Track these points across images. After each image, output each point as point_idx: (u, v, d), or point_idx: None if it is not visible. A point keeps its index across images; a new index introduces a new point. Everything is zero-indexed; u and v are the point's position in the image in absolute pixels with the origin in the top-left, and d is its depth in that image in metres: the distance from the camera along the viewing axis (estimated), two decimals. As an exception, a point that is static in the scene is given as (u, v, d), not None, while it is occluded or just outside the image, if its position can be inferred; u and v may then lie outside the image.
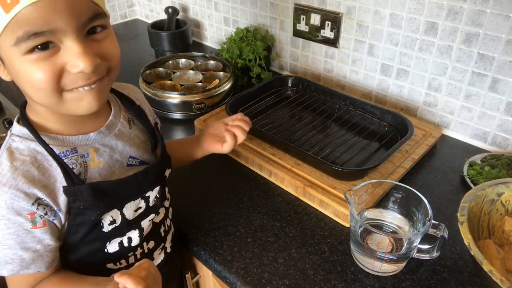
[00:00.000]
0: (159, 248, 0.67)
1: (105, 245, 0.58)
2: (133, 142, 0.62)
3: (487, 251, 0.62)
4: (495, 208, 0.67)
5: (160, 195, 0.64)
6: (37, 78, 0.46)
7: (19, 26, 0.42)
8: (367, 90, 1.13)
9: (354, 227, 0.66)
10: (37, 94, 0.49)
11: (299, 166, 0.84)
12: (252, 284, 0.65)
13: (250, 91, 1.06)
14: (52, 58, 0.46)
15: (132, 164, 0.61)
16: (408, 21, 0.96)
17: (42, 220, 0.51)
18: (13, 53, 0.45)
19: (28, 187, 0.49)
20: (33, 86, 0.47)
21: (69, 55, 0.46)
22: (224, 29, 1.45)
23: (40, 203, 0.50)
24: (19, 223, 0.50)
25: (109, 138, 0.58)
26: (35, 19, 0.42)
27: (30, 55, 0.44)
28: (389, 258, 0.64)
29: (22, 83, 0.48)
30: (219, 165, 0.92)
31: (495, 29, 0.84)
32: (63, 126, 0.55)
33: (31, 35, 0.43)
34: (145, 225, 0.62)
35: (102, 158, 0.57)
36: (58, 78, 0.47)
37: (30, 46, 0.44)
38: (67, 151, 0.54)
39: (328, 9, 1.09)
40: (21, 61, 0.45)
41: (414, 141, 0.92)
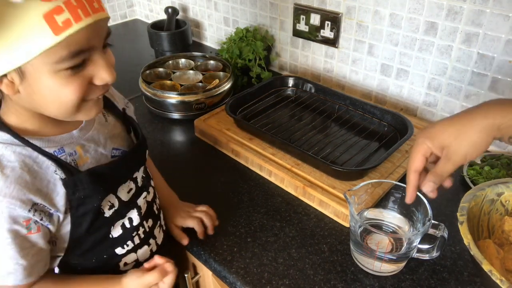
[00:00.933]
0: (157, 226, 0.69)
1: (110, 231, 0.60)
2: (112, 133, 0.63)
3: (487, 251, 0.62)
4: (494, 208, 0.67)
5: (146, 174, 0.67)
6: (68, 93, 0.48)
7: (65, 47, 0.44)
8: (367, 90, 1.13)
9: (354, 227, 0.66)
10: (57, 108, 0.49)
11: (299, 166, 0.84)
12: (252, 284, 0.65)
13: (250, 91, 1.06)
14: (81, 73, 0.48)
15: (116, 155, 0.63)
16: (408, 21, 0.96)
17: (36, 226, 0.51)
18: (46, 70, 0.45)
19: (23, 194, 0.49)
20: (60, 101, 0.48)
21: (96, 69, 0.49)
22: (224, 29, 1.45)
23: (36, 208, 0.50)
24: (16, 231, 0.50)
25: (90, 133, 0.59)
26: (81, 40, 0.45)
27: (64, 71, 0.46)
28: (389, 258, 0.64)
29: (43, 98, 0.48)
30: (219, 165, 0.92)
31: (495, 29, 0.84)
32: (46, 128, 0.54)
33: (74, 55, 0.45)
34: (140, 203, 0.64)
35: (89, 153, 0.58)
36: (85, 91, 0.49)
37: (69, 65, 0.46)
38: (55, 151, 0.54)
39: (328, 9, 1.09)
40: (53, 78, 0.46)
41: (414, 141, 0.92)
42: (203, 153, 0.96)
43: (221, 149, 0.96)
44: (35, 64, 0.44)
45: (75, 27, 0.44)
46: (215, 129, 0.98)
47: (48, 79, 0.46)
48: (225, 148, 0.95)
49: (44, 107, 0.50)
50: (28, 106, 0.50)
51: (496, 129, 0.50)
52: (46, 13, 0.42)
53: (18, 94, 0.48)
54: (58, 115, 0.51)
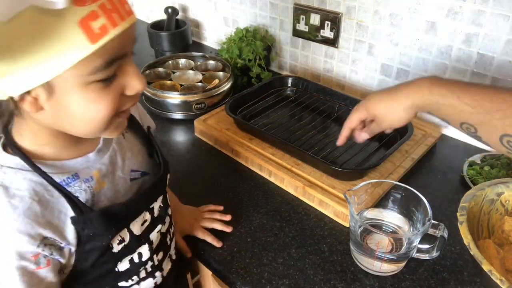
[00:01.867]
0: (167, 257, 0.65)
1: (116, 265, 0.55)
2: (131, 153, 0.59)
3: (487, 251, 0.62)
4: (494, 208, 0.67)
5: (164, 203, 0.62)
6: (101, 108, 0.44)
7: (100, 56, 0.40)
8: (367, 90, 1.13)
9: (354, 227, 0.66)
10: (86, 125, 0.45)
11: (299, 166, 0.84)
12: (252, 284, 0.65)
13: (249, 91, 1.06)
14: (113, 84, 0.44)
15: (135, 177, 0.59)
16: (408, 21, 0.96)
17: (46, 259, 0.47)
18: (76, 83, 0.41)
19: (32, 228, 0.45)
20: (90, 117, 0.44)
21: (128, 78, 0.45)
22: (224, 29, 1.45)
23: (46, 243, 0.46)
24: (23, 267, 0.46)
25: (108, 155, 0.54)
26: (115, 47, 0.41)
27: (96, 84, 0.42)
28: (389, 258, 0.64)
29: (71, 115, 0.44)
30: (219, 165, 0.92)
31: (495, 29, 0.84)
32: (61, 150, 0.50)
33: (108, 64, 0.41)
34: (153, 237, 0.59)
35: (107, 178, 0.54)
36: (118, 104, 0.45)
37: (102, 77, 0.42)
38: (68, 178, 0.49)
39: (328, 9, 1.09)
40: (84, 91, 0.42)
41: (414, 141, 0.92)
42: (203, 153, 0.96)
43: (221, 149, 0.96)
44: (66, 77, 0.40)
45: (112, 34, 0.40)
46: (215, 129, 0.98)
47: (79, 93, 0.42)
48: (225, 148, 0.95)
49: (70, 125, 0.46)
50: (51, 124, 0.46)
51: (416, 108, 0.62)
52: (81, 20, 0.37)
53: (41, 112, 0.43)
54: (85, 133, 0.47)
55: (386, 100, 0.66)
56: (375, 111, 0.68)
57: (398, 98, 0.64)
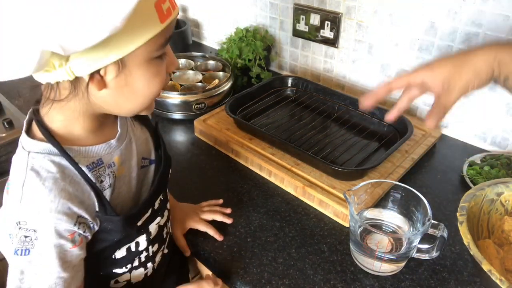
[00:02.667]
0: (160, 250, 0.66)
1: (114, 252, 0.57)
2: (141, 141, 0.62)
3: (487, 251, 0.62)
4: (494, 208, 0.67)
5: (164, 197, 0.64)
6: (158, 82, 0.49)
7: (164, 34, 0.46)
8: (367, 90, 1.13)
9: (354, 227, 0.66)
10: (141, 100, 0.50)
11: (299, 166, 0.84)
12: (252, 284, 0.65)
13: (249, 91, 1.07)
14: (163, 61, 0.50)
15: (144, 165, 0.61)
16: (407, 21, 0.96)
17: (80, 237, 0.50)
18: (143, 58, 0.46)
19: (68, 207, 0.47)
20: (149, 91, 0.49)
21: (169, 56, 0.51)
22: (224, 29, 1.45)
23: (81, 221, 0.49)
24: (61, 245, 0.48)
25: (125, 142, 0.57)
26: (171, 28, 0.48)
27: (155, 60, 0.48)
28: (389, 258, 0.64)
29: (133, 91, 0.48)
30: (219, 165, 0.92)
31: (495, 29, 0.84)
32: (88, 135, 0.52)
33: (167, 41, 0.48)
34: (152, 228, 0.61)
35: (125, 165, 0.57)
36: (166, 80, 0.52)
37: (161, 52, 0.48)
38: (93, 163, 0.52)
39: (328, 9, 1.09)
40: (148, 67, 0.47)
41: (414, 141, 0.92)
42: (203, 153, 0.96)
43: (221, 149, 0.96)
44: (137, 53, 0.45)
45: (173, 15, 0.46)
46: (215, 129, 0.98)
47: (144, 68, 0.47)
48: (225, 148, 0.95)
49: (125, 102, 0.49)
50: (103, 104, 0.49)
51: (497, 63, 0.51)
52: (156, 2, 0.43)
53: (103, 90, 0.47)
54: (133, 109, 0.51)
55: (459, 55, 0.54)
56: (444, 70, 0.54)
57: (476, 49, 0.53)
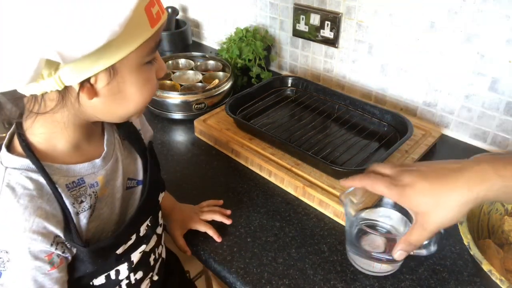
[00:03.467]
0: (147, 278, 0.63)
1: (92, 280, 0.54)
2: (128, 160, 0.59)
3: (487, 251, 0.62)
4: (494, 208, 0.67)
5: (152, 223, 0.60)
6: (150, 88, 0.49)
7: (154, 38, 0.45)
8: (367, 90, 1.13)
9: (349, 228, 0.66)
10: (133, 106, 0.49)
11: (299, 166, 0.84)
12: (252, 284, 0.65)
13: (249, 91, 1.07)
14: (153, 66, 0.50)
15: (131, 186, 0.59)
16: (407, 21, 0.96)
17: (59, 259, 0.47)
18: (135, 64, 0.45)
19: (44, 227, 0.44)
20: (140, 97, 0.48)
21: (158, 62, 0.50)
22: (224, 29, 1.45)
23: (58, 241, 0.46)
24: (37, 267, 0.45)
25: (111, 162, 0.55)
26: (159, 32, 0.47)
27: (146, 65, 0.47)
28: (386, 258, 0.63)
29: (124, 97, 0.47)
30: (219, 165, 0.92)
31: (495, 29, 0.84)
32: (71, 150, 0.50)
33: (157, 46, 0.47)
34: (134, 257, 0.58)
35: (110, 185, 0.54)
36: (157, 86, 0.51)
37: (152, 57, 0.47)
38: (74, 182, 0.49)
39: (328, 9, 1.09)
40: (139, 72, 0.46)
41: (414, 141, 0.92)
42: (203, 153, 0.96)
43: (221, 149, 0.96)
44: (129, 59, 0.44)
45: (162, 19, 0.45)
46: (215, 129, 0.98)
47: (136, 73, 0.46)
48: (225, 148, 0.95)
49: (117, 109, 0.48)
50: (93, 112, 0.47)
51: (479, 200, 0.46)
52: (146, 6, 0.42)
53: (94, 99, 0.45)
54: (124, 115, 0.50)
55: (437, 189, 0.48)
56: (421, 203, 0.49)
57: (456, 187, 0.47)
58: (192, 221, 0.74)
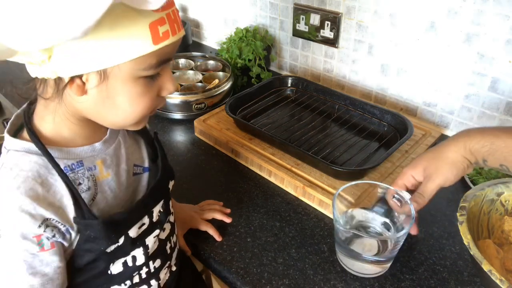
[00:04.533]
0: (165, 267, 0.63)
1: (109, 267, 0.54)
2: (134, 148, 0.60)
3: (487, 251, 0.62)
4: (494, 208, 0.67)
5: (164, 209, 0.61)
6: (142, 103, 0.48)
7: (156, 55, 0.45)
8: (367, 90, 1.13)
9: (339, 230, 0.64)
10: (123, 116, 0.49)
11: (299, 166, 0.84)
12: (252, 284, 0.65)
13: (249, 91, 1.07)
14: (154, 83, 0.49)
15: (137, 172, 0.59)
16: (407, 21, 0.96)
17: (49, 242, 0.47)
18: (129, 75, 0.45)
19: (33, 208, 0.45)
20: (131, 109, 0.48)
21: (165, 80, 0.50)
22: (224, 29, 1.45)
23: (48, 224, 0.47)
24: (25, 248, 0.46)
25: (114, 147, 0.55)
26: (168, 52, 0.46)
27: (143, 79, 0.47)
28: (376, 259, 0.63)
29: (113, 104, 0.47)
30: (219, 165, 0.92)
31: (495, 29, 0.84)
32: (76, 137, 0.51)
33: (159, 64, 0.46)
34: (150, 242, 0.58)
35: (111, 169, 0.54)
36: (155, 102, 0.51)
37: (151, 73, 0.46)
38: (73, 164, 0.50)
39: (328, 9, 1.09)
40: (133, 84, 0.46)
41: (414, 141, 0.92)
42: (203, 153, 0.96)
43: (221, 149, 0.96)
44: (123, 68, 0.44)
45: (171, 40, 0.45)
46: (215, 129, 0.98)
47: (129, 85, 0.46)
48: (225, 148, 0.95)
49: (107, 114, 0.48)
50: (85, 110, 0.48)
51: (469, 152, 0.59)
52: (152, 23, 0.43)
53: (83, 96, 0.46)
54: (118, 124, 0.50)
55: (434, 150, 0.64)
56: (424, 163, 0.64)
57: (448, 144, 0.62)
58: (192, 220, 0.74)
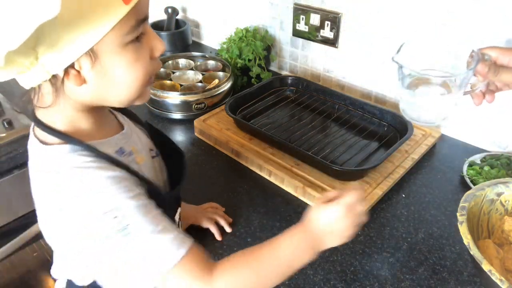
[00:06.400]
0: None
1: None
2: (141, 133, 0.61)
3: (487, 251, 0.62)
4: (494, 208, 0.67)
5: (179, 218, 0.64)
6: (140, 67, 0.46)
7: (133, 15, 0.43)
8: (367, 90, 1.13)
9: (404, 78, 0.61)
10: (127, 88, 0.47)
11: (299, 166, 0.84)
12: (252, 284, 0.65)
13: (249, 91, 1.07)
14: (143, 45, 0.46)
15: (154, 155, 0.60)
16: (407, 21, 0.96)
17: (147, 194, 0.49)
18: (116, 45, 0.43)
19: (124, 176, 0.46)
20: (132, 79, 0.46)
21: (151, 40, 0.47)
22: (224, 29, 1.45)
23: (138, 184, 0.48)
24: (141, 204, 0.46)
25: (132, 133, 0.56)
26: (143, 8, 0.44)
27: (132, 44, 0.44)
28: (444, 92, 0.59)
29: (114, 80, 0.45)
30: (219, 165, 0.92)
31: (495, 29, 0.84)
32: (95, 128, 0.51)
33: (139, 23, 0.44)
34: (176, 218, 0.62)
35: (141, 154, 0.55)
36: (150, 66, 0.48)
37: (135, 35, 0.44)
38: (117, 151, 0.50)
39: (328, 9, 1.09)
40: (124, 53, 0.44)
41: (414, 141, 0.92)
42: (203, 153, 0.96)
43: (221, 149, 0.96)
44: (107, 41, 0.42)
45: None
46: (215, 129, 0.98)
47: (120, 55, 0.44)
48: (225, 148, 0.95)
49: (112, 92, 0.47)
50: (90, 98, 0.46)
51: None
52: None
53: (83, 86, 0.44)
54: (124, 98, 0.48)
55: None
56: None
57: None
58: (196, 217, 0.74)
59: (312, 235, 0.53)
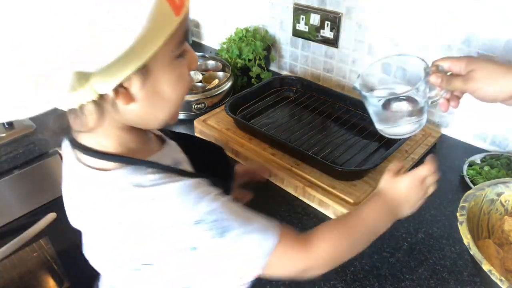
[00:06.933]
0: None
1: None
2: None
3: (487, 251, 0.62)
4: (494, 208, 0.67)
5: None
6: (186, 83, 0.45)
7: (181, 27, 0.41)
8: (367, 90, 1.13)
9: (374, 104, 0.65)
10: (172, 107, 0.45)
11: (299, 166, 0.84)
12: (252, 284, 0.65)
13: (249, 91, 1.07)
14: (185, 60, 0.45)
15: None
16: (407, 21, 0.96)
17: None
18: (166, 60, 0.41)
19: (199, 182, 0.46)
20: (178, 94, 0.44)
21: (189, 53, 0.46)
22: (224, 29, 1.45)
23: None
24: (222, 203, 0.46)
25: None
26: (185, 20, 0.41)
27: (177, 60, 0.43)
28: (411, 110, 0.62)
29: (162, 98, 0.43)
30: (219, 165, 0.92)
31: (495, 29, 0.84)
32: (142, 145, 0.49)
33: (184, 37, 0.42)
34: None
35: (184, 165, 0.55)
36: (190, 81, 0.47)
37: (181, 50, 0.43)
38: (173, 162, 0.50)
39: (328, 9, 1.09)
40: (172, 69, 0.42)
41: (414, 141, 0.93)
42: (203, 153, 0.96)
43: (221, 149, 0.96)
44: (159, 56, 0.39)
45: (187, 4, 0.40)
46: (215, 129, 0.98)
47: (169, 71, 0.42)
48: (225, 148, 0.95)
49: (157, 111, 0.45)
50: (134, 117, 0.44)
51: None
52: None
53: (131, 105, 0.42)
54: (164, 119, 0.46)
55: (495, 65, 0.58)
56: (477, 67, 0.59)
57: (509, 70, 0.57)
58: None
59: (392, 203, 0.57)
